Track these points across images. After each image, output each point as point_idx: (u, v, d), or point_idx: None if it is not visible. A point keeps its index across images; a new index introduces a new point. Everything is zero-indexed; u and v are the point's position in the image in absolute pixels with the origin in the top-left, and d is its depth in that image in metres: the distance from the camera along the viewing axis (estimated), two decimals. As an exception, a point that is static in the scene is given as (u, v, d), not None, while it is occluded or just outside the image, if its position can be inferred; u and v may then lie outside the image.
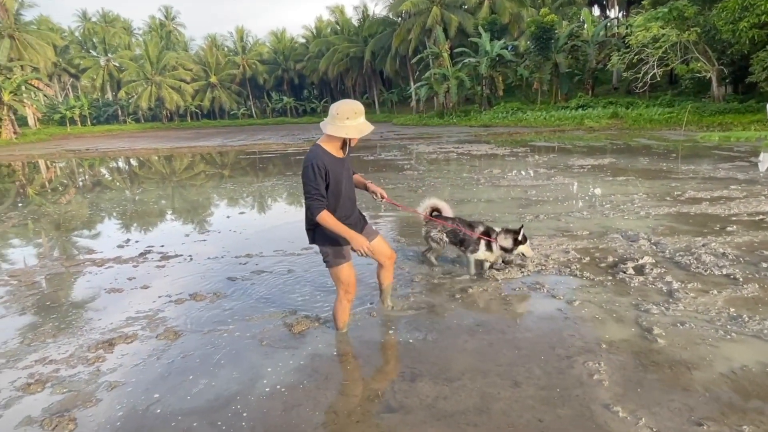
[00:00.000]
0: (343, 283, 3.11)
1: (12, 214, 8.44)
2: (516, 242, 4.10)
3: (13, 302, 4.16)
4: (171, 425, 2.41)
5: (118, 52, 62.32)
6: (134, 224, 7.32)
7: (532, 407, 2.45)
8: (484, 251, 4.18)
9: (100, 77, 61.73)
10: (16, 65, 39.32)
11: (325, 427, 2.36)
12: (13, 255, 5.81)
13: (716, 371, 2.69)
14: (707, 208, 6.46)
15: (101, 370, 2.98)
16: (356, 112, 2.81)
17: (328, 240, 3.00)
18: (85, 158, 21.32)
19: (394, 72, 48.50)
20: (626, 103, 27.02)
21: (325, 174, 2.85)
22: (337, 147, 2.94)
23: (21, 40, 48.21)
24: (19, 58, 45.75)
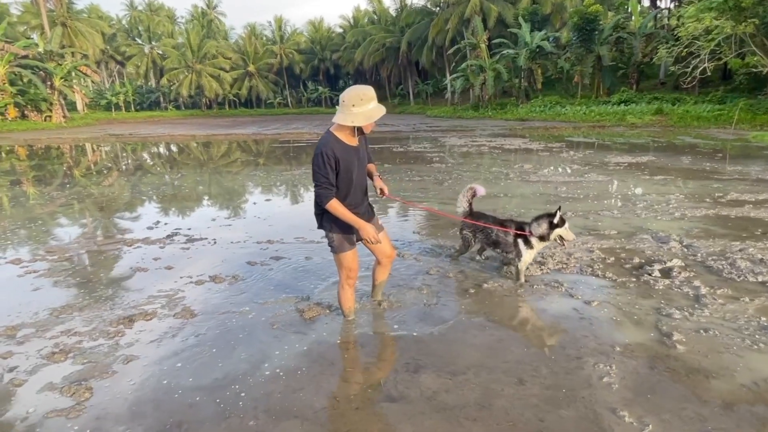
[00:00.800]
0: (345, 269, 3.13)
1: (57, 194, 8.91)
2: (552, 226, 3.77)
3: (47, 276, 4.41)
4: (176, 399, 2.51)
5: (161, 40, 64.37)
6: (166, 207, 7.59)
7: (535, 406, 2.41)
8: (526, 251, 3.85)
9: (144, 64, 64.01)
10: (67, 52, 41.24)
11: (324, 412, 2.40)
12: (54, 232, 6.13)
13: (737, 382, 2.56)
14: (750, 211, 6.12)
15: (120, 344, 3.12)
16: (362, 98, 2.79)
17: (335, 226, 3.02)
18: (127, 143, 22.21)
19: (430, 63, 47.98)
20: (673, 99, 25.77)
21: (335, 162, 2.86)
22: (348, 134, 2.94)
23: (72, 27, 50.60)
24: (71, 45, 48.04)
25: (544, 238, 3.80)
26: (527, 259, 3.91)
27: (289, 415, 2.39)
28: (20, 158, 16.10)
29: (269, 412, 2.40)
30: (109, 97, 57.24)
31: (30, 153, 17.79)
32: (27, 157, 16.52)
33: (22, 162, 14.94)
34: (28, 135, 27.10)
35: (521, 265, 3.91)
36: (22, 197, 8.66)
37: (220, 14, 73.78)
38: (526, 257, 3.89)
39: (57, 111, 36.09)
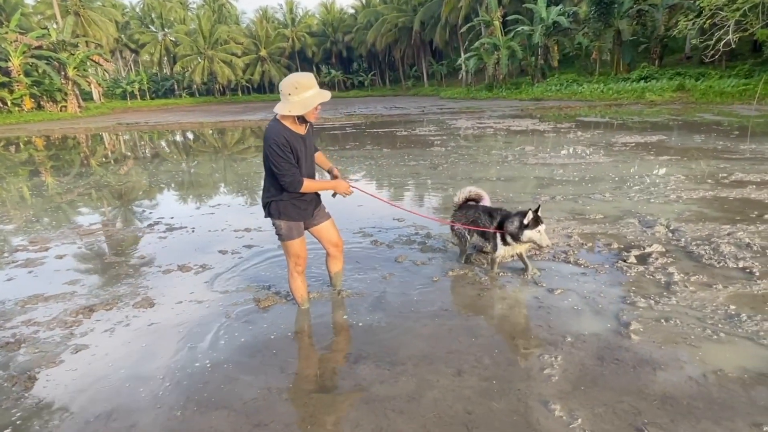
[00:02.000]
0: (293, 256, 3.13)
1: (56, 183, 9.13)
2: (522, 226, 3.43)
3: (24, 267, 4.53)
4: (113, 388, 2.56)
5: (174, 27, 64.74)
6: (153, 196, 7.70)
7: (467, 398, 2.37)
8: (500, 247, 3.63)
9: (157, 52, 64.61)
10: (80, 41, 41.85)
11: (253, 403, 2.41)
12: (41, 222, 6.28)
13: (685, 374, 2.47)
14: (751, 192, 5.87)
15: (74, 333, 3.19)
16: (297, 86, 2.73)
17: (283, 215, 3.01)
18: (137, 131, 22.56)
19: (443, 43, 47.18)
20: (697, 74, 24.72)
21: (290, 148, 2.83)
22: (293, 122, 2.89)
23: (85, 16, 51.21)
24: (84, 35, 48.72)
25: (515, 237, 3.50)
26: (501, 253, 3.67)
27: (218, 405, 2.41)
28: (37, 149, 16.53)
29: (200, 403, 2.43)
30: (124, 86, 58.09)
31: (40, 143, 18.24)
32: (43, 147, 16.94)
33: (37, 152, 15.34)
34: (42, 125, 27.77)
35: (495, 255, 3.73)
36: (21, 187, 8.90)
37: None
38: (500, 251, 3.66)
39: (72, 101, 36.82)
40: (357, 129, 17.74)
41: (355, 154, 11.06)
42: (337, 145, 13.04)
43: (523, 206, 5.67)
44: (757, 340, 2.73)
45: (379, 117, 23.26)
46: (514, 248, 3.60)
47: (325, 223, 3.31)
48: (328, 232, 3.34)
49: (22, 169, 11.30)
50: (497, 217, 3.72)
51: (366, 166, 9.39)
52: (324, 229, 3.32)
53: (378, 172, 8.80)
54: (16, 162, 12.93)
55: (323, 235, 3.34)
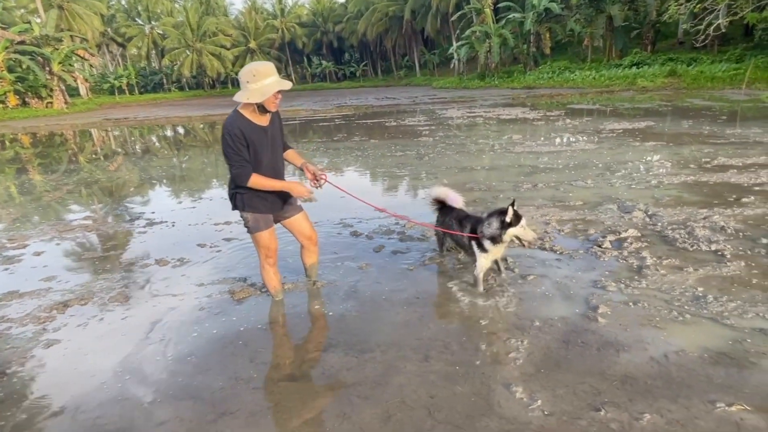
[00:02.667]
0: (263, 248, 3.15)
1: (39, 180, 9.09)
2: (504, 225, 3.13)
3: (1, 264, 4.53)
4: (81, 382, 2.59)
5: (161, 19, 64.02)
6: (136, 191, 7.68)
7: (432, 383, 2.42)
8: (481, 256, 3.28)
9: (145, 45, 63.86)
10: (65, 36, 41.33)
11: (221, 392, 2.45)
12: (23, 219, 6.26)
13: (647, 355, 2.53)
14: (732, 176, 5.93)
15: (47, 329, 3.21)
16: (255, 74, 2.74)
17: (248, 207, 3.02)
18: (124, 127, 22.40)
19: (435, 31, 46.93)
20: (689, 59, 24.78)
21: (245, 140, 2.85)
22: (254, 113, 2.90)
23: (69, 10, 50.52)
24: (69, 29, 48.11)
25: (496, 239, 3.17)
26: (482, 265, 3.30)
27: (185, 396, 2.44)
28: (23, 146, 16.39)
29: (167, 394, 2.46)
30: (111, 80, 57.49)
31: (26, 140, 18.08)
32: (29, 145, 16.79)
33: (22, 150, 15.22)
34: (28, 122, 27.48)
35: (477, 272, 3.34)
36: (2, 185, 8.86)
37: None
38: (480, 262, 3.29)
39: (58, 97, 36.38)
40: (347, 120, 17.69)
41: (342, 146, 11.05)
42: (326, 137, 13.02)
43: (504, 195, 5.75)
44: (720, 321, 2.80)
45: (369, 108, 23.19)
46: (493, 254, 3.29)
47: (297, 216, 3.32)
48: (300, 225, 3.35)
49: (5, 167, 11.22)
50: (467, 225, 3.42)
51: (352, 158, 9.40)
52: (296, 222, 3.33)
53: (364, 163, 8.81)
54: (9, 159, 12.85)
55: (295, 229, 3.36)
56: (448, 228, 3.63)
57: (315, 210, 5.37)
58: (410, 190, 6.65)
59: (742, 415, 2.07)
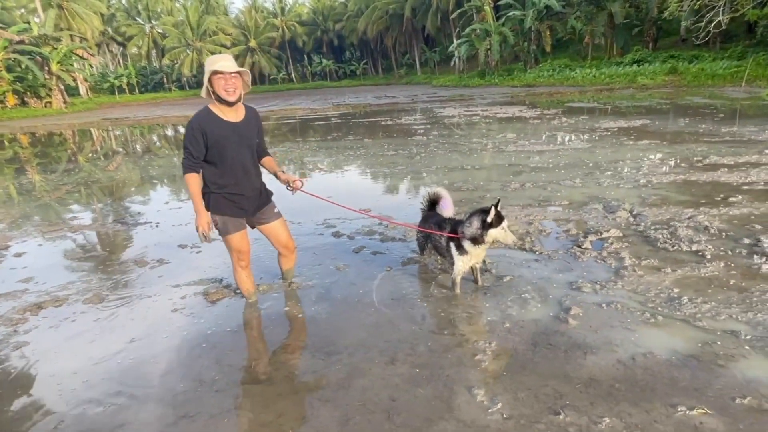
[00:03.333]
0: (235, 251, 3.14)
1: (28, 181, 9.11)
2: (485, 225, 3.04)
3: (-19, 265, 4.55)
4: (45, 383, 2.59)
5: (161, 18, 64.14)
6: (124, 192, 7.70)
7: (395, 386, 2.41)
8: (458, 258, 3.21)
9: (145, 45, 64.02)
10: (64, 35, 41.46)
11: (184, 395, 2.45)
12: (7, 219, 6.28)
13: (614, 357, 2.51)
14: (721, 175, 5.90)
15: (18, 331, 3.22)
16: (206, 63, 2.79)
17: (216, 209, 3.00)
18: (121, 126, 22.46)
19: (435, 29, 46.91)
20: (690, 56, 24.69)
21: (202, 135, 2.83)
22: (221, 108, 2.89)
23: (69, 9, 50.66)
24: (68, 28, 48.25)
25: (476, 240, 3.09)
26: (460, 268, 3.24)
27: (148, 398, 2.44)
28: (22, 146, 16.45)
29: (131, 396, 2.46)
30: (111, 80, 57.64)
31: (25, 140, 18.14)
32: (27, 144, 16.85)
33: (21, 150, 15.27)
34: (25, 122, 27.61)
35: (454, 275, 3.30)
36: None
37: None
38: (458, 265, 3.23)
39: (57, 96, 36.53)
40: (343, 119, 17.69)
41: (335, 145, 11.04)
42: (319, 136, 13.01)
43: (490, 194, 5.73)
44: (692, 323, 2.77)
45: (367, 106, 23.18)
46: (472, 257, 3.21)
47: (273, 223, 3.27)
48: (276, 233, 3.31)
49: (2, 167, 11.27)
50: (447, 227, 3.36)
51: (343, 157, 9.39)
52: (272, 229, 3.29)
53: (354, 162, 8.80)
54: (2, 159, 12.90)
55: (272, 235, 3.32)
56: (430, 236, 3.56)
57: (299, 210, 5.39)
58: (396, 190, 6.64)
59: (702, 419, 2.05)
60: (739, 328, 2.68)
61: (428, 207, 3.80)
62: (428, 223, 3.58)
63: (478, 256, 3.20)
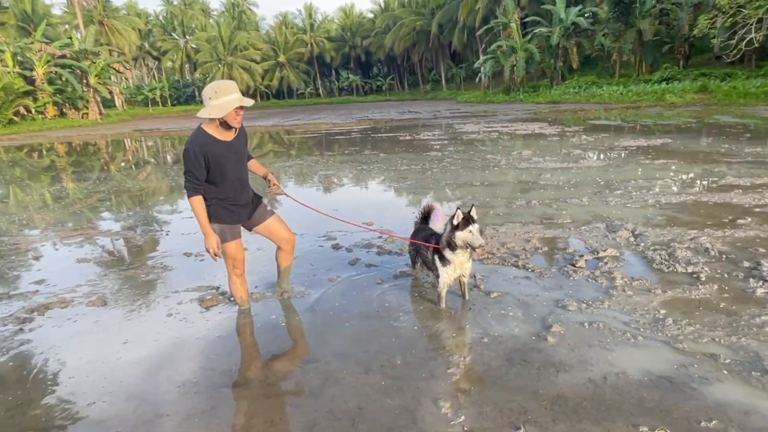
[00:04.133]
0: (230, 259, 3.27)
1: (56, 188, 9.61)
2: (453, 228, 3.12)
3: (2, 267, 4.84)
4: (33, 380, 2.77)
5: (195, 33, 66.70)
6: (141, 200, 8.03)
7: (365, 395, 2.48)
8: (442, 270, 3.25)
9: (179, 59, 66.65)
10: (103, 50, 43.61)
11: (165, 395, 2.57)
12: (29, 224, 6.64)
13: (586, 376, 2.52)
14: (735, 197, 5.77)
15: (23, 329, 3.43)
16: (217, 90, 2.89)
17: (214, 217, 3.15)
18: (150, 137, 23.36)
19: (462, 46, 47.24)
20: (723, 74, 24.13)
21: (203, 158, 2.98)
22: (218, 129, 3.05)
23: (109, 25, 53.43)
24: (108, 43, 50.77)
25: (451, 245, 3.15)
26: (444, 279, 3.27)
27: (131, 397, 2.58)
28: (59, 154, 17.31)
29: (114, 395, 2.60)
30: (145, 92, 60.06)
31: (62, 149, 19.08)
32: (63, 153, 17.72)
33: (58, 158, 16.08)
34: (63, 132, 28.99)
35: (439, 287, 3.33)
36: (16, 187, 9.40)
37: (252, 5, 75.42)
38: (443, 277, 3.26)
39: (93, 108, 38.31)
40: (362, 134, 17.96)
41: (350, 159, 11.24)
42: (335, 150, 13.25)
43: (494, 211, 5.78)
44: (672, 344, 2.76)
45: (389, 122, 23.45)
46: (455, 267, 3.23)
47: (269, 220, 3.42)
48: (275, 229, 3.45)
49: (41, 174, 11.89)
50: (432, 240, 3.40)
51: (356, 171, 9.56)
52: (270, 225, 3.43)
53: (365, 176, 8.95)
54: (31, 168, 13.61)
55: (272, 232, 3.46)
56: (418, 246, 3.65)
57: (304, 224, 5.54)
58: (401, 204, 6.73)
59: (662, 440, 2.05)
60: (720, 352, 2.65)
61: (421, 220, 3.87)
62: (418, 237, 3.67)
63: (461, 266, 3.24)
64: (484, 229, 4.97)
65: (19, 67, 34.52)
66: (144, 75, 72.40)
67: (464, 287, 3.48)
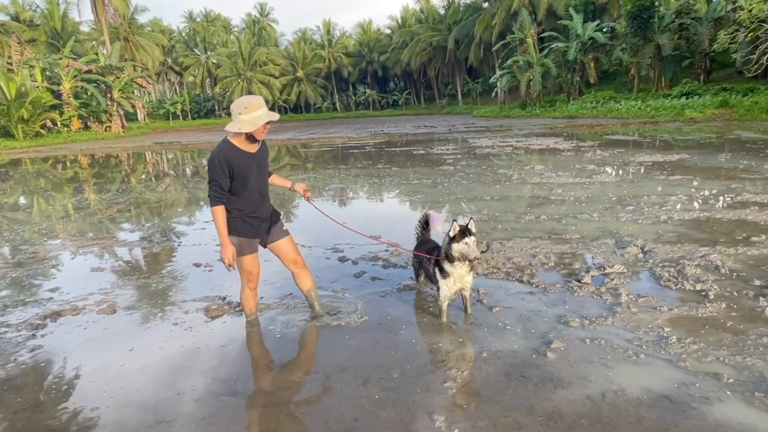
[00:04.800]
0: (245, 272, 3.32)
1: (74, 198, 9.90)
2: (450, 240, 3.16)
3: (17, 275, 5.00)
4: (44, 384, 2.85)
5: (216, 49, 68.45)
6: (156, 211, 8.22)
7: (361, 407, 2.50)
8: (442, 283, 3.30)
9: (200, 74, 68.37)
10: (127, 65, 45.04)
11: (165, 402, 2.63)
12: (46, 234, 6.86)
13: (584, 393, 2.50)
14: (750, 214, 5.68)
15: (36, 335, 3.54)
16: (247, 106, 2.98)
17: (233, 230, 3.20)
18: (173, 150, 23.92)
19: (478, 61, 47.47)
20: (745, 89, 23.72)
21: (228, 168, 3.05)
22: (244, 141, 3.12)
23: (134, 42, 55.14)
24: (132, 59, 52.38)
25: (449, 257, 3.20)
26: (444, 292, 3.30)
27: (132, 403, 2.64)
28: (82, 166, 17.86)
29: (117, 401, 2.67)
30: (167, 106, 61.60)
31: (85, 161, 19.67)
32: (86, 165, 18.27)
33: (81, 169, 16.58)
34: (86, 145, 29.88)
35: (440, 300, 3.37)
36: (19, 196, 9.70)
37: (272, 21, 77.29)
38: (443, 290, 3.30)
39: (116, 121, 39.44)
40: (377, 148, 18.11)
41: (362, 173, 11.35)
42: (349, 164, 13.39)
43: (502, 225, 5.78)
44: (675, 363, 2.72)
45: (404, 136, 23.61)
46: (455, 280, 3.27)
47: (282, 240, 3.45)
48: (285, 250, 3.47)
49: (64, 185, 12.27)
50: (434, 252, 3.44)
51: (368, 184, 9.65)
52: (281, 246, 3.46)
53: (376, 189, 9.03)
54: (54, 179, 14.06)
55: (281, 253, 3.48)
56: (421, 259, 3.70)
57: (313, 236, 5.62)
58: (410, 217, 6.74)
59: (658, 459, 2.02)
60: (723, 371, 2.60)
61: (422, 228, 3.90)
62: (423, 248, 3.70)
63: (461, 279, 3.25)
64: (491, 243, 5.01)
65: (47, 81, 35.83)
66: (166, 89, 74.33)
67: (466, 301, 3.48)
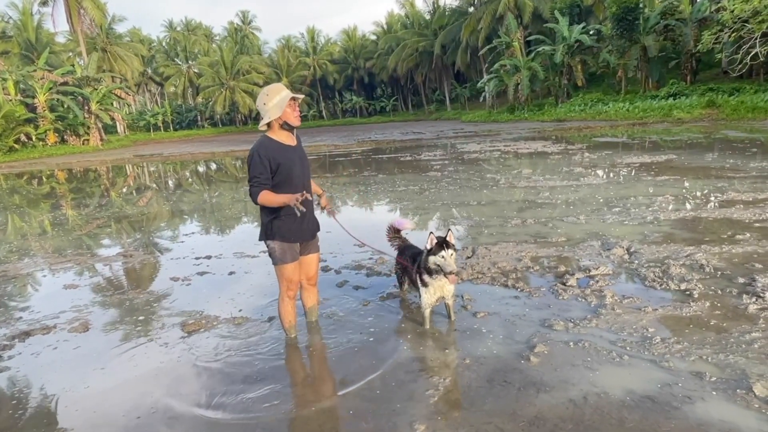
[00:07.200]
0: (285, 280, 3.24)
1: (46, 215, 9.78)
2: (428, 252, 3.21)
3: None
4: (10, 407, 2.80)
5: (198, 58, 68.32)
6: (132, 226, 8.15)
7: (340, 418, 2.50)
8: (424, 292, 3.33)
9: (181, 84, 68.08)
10: (105, 76, 44.73)
11: (137, 420, 2.59)
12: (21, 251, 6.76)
13: (567, 396, 2.52)
14: (735, 212, 5.78)
15: (2, 356, 3.48)
16: (269, 93, 3.01)
17: (279, 235, 3.13)
18: (152, 162, 23.74)
19: (465, 65, 47.89)
20: (731, 89, 24.24)
21: (269, 161, 3.01)
22: (281, 132, 3.12)
23: (112, 52, 54.88)
24: (110, 70, 52.07)
25: (428, 269, 3.23)
26: (426, 300, 3.33)
27: (104, 424, 2.61)
28: (59, 181, 17.62)
29: (88, 421, 2.63)
30: (147, 118, 61.24)
31: (62, 176, 19.43)
32: (63, 180, 18.04)
33: (58, 185, 16.37)
34: (62, 159, 29.53)
35: (423, 308, 3.39)
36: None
37: (255, 29, 77.34)
38: (425, 298, 3.33)
39: (94, 134, 39.03)
40: (364, 155, 18.16)
41: (348, 181, 11.37)
42: (335, 172, 13.41)
43: (488, 230, 5.82)
44: (659, 363, 2.75)
45: (391, 143, 23.71)
46: (435, 290, 3.29)
47: (313, 255, 3.41)
48: (311, 265, 3.41)
49: (40, 202, 12.11)
50: (418, 258, 3.44)
51: (354, 192, 9.66)
52: (310, 260, 3.40)
53: (363, 197, 9.04)
54: (29, 195, 13.88)
55: (305, 267, 3.39)
56: (405, 266, 3.72)
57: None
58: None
59: (639, 461, 2.04)
60: (706, 370, 2.64)
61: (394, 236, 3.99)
62: (405, 255, 3.72)
63: (440, 288, 3.27)
64: (477, 248, 5.04)
65: (21, 94, 35.45)
66: (147, 100, 73.94)
67: (449, 309, 3.50)
